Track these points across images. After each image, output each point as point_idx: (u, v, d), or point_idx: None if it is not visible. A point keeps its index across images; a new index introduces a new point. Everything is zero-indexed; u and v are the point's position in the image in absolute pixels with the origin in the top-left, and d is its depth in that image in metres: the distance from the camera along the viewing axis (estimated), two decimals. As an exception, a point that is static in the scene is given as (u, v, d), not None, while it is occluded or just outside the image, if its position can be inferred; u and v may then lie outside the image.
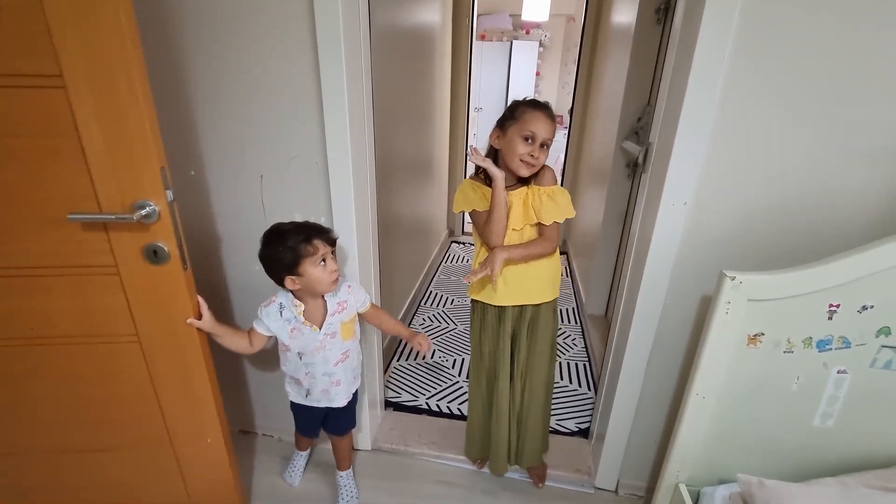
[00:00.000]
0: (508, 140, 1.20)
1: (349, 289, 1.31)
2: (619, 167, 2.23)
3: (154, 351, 1.15)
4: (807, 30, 0.96)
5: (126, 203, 0.98)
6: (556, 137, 1.24)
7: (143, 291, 1.07)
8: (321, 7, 1.10)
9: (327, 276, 1.18)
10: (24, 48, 0.86)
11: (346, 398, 1.37)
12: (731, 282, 0.96)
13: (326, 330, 1.25)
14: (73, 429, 1.24)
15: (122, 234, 1.01)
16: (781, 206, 1.10)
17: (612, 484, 1.56)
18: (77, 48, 0.87)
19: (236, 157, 1.31)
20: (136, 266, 1.04)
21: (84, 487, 1.34)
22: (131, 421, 1.24)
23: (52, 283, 1.05)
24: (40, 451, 1.26)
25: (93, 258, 1.02)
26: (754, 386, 1.07)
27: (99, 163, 0.95)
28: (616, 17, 2.49)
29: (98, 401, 1.20)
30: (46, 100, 0.90)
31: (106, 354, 1.14)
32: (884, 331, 0.98)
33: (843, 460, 1.11)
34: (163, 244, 1.02)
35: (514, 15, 5.76)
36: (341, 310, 1.28)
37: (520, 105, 1.21)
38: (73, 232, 1.00)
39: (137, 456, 1.31)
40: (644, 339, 1.31)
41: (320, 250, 1.16)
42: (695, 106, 1.04)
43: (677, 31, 1.11)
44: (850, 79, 0.98)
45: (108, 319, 1.10)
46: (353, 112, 1.24)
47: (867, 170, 1.04)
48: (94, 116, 0.91)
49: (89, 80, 0.89)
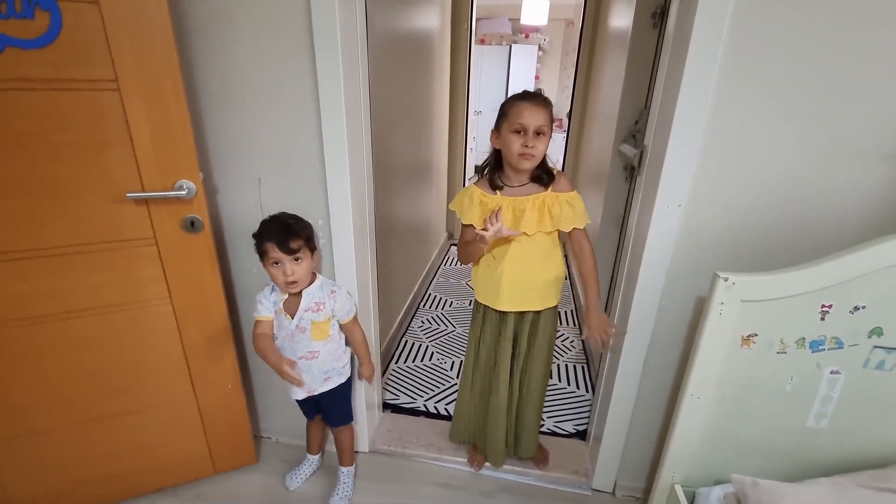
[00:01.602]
0: (504, 138, 1.20)
1: (332, 294, 1.33)
2: (616, 170, 2.23)
3: (184, 309, 1.33)
4: (795, 35, 0.97)
5: (167, 184, 1.18)
6: (553, 137, 1.24)
7: (178, 258, 1.27)
8: (318, 10, 1.12)
9: (280, 278, 1.22)
10: (86, 58, 1.04)
11: (304, 393, 1.38)
12: (725, 283, 0.97)
13: (297, 322, 1.29)
14: (103, 397, 1.34)
15: (161, 210, 1.21)
16: (774, 207, 1.11)
17: (610, 485, 1.56)
18: (130, 57, 1.07)
19: (234, 160, 1.33)
20: (174, 236, 1.24)
21: (112, 454, 1.42)
22: (161, 382, 1.39)
23: (97, 259, 1.20)
24: (71, 423, 1.34)
25: (135, 232, 1.21)
26: (748, 386, 1.08)
27: (144, 151, 1.14)
28: (613, 21, 2.51)
29: (129, 365, 1.33)
30: (104, 100, 1.08)
31: (141, 318, 1.30)
32: (876, 331, 0.99)
33: (838, 460, 1.12)
34: (198, 216, 1.24)
35: (513, 19, 5.80)
36: (317, 309, 1.30)
37: (508, 101, 1.21)
38: (119, 211, 1.17)
39: (164, 416, 1.44)
40: (640, 341, 1.32)
41: (271, 254, 1.19)
42: (688, 109, 1.05)
43: (670, 36, 1.12)
44: (836, 81, 0.99)
45: (146, 285, 1.27)
46: (351, 115, 1.26)
47: (857, 170, 1.05)
48: (144, 113, 1.11)
49: (141, 83, 1.09)
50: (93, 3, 1.01)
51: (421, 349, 2.36)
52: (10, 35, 0.98)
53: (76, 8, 1.01)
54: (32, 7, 0.99)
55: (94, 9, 1.02)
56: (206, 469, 1.56)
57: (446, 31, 3.18)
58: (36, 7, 0.99)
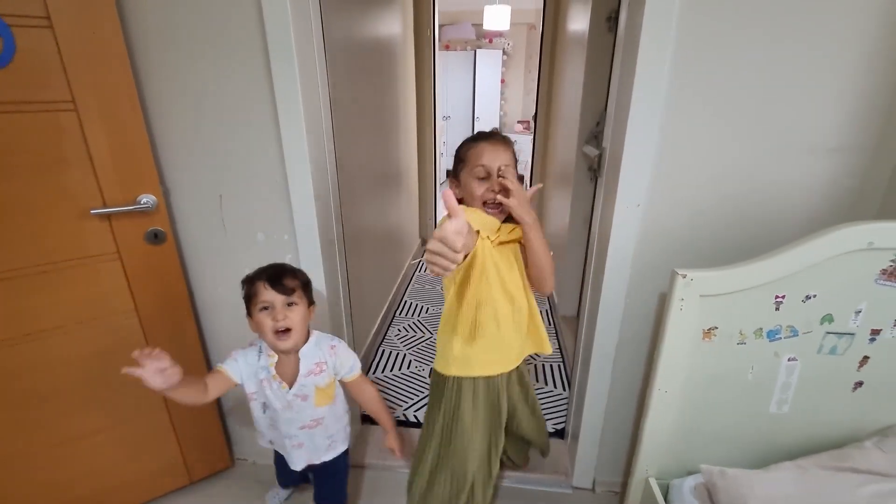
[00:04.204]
0: (465, 187, 1.08)
1: (332, 349, 1.17)
2: (581, 170, 2.28)
3: (151, 320, 1.33)
4: (739, 37, 1.02)
5: (129, 198, 1.21)
6: (519, 148, 1.21)
7: (143, 271, 1.28)
8: (271, 19, 1.11)
9: (268, 324, 1.05)
10: (42, 80, 1.06)
11: (303, 463, 1.23)
12: (683, 279, 1.00)
13: (297, 391, 1.12)
14: (76, 415, 1.31)
15: (124, 224, 1.22)
16: (728, 203, 1.15)
17: (589, 482, 1.58)
18: (86, 78, 1.09)
19: (192, 176, 1.30)
20: (137, 249, 1.26)
21: (88, 474, 1.39)
22: (130, 395, 1.36)
23: (61, 277, 1.19)
24: (46, 447, 1.30)
25: (97, 248, 1.21)
26: (713, 378, 1.11)
27: (104, 168, 1.16)
28: (571, 25, 2.56)
29: (99, 382, 1.31)
30: (61, 121, 1.10)
31: (109, 332, 1.29)
32: (827, 318, 1.04)
33: (800, 444, 1.16)
34: (161, 228, 1.26)
35: (476, 24, 5.85)
36: (319, 371, 1.14)
37: (463, 145, 1.10)
38: (81, 227, 1.18)
39: (136, 429, 1.42)
40: (609, 338, 1.34)
41: (261, 295, 1.05)
42: (641, 112, 1.08)
43: (621, 39, 1.15)
44: (780, 82, 1.04)
45: (110, 299, 1.27)
46: (311, 124, 1.24)
47: (804, 165, 1.10)
48: (102, 131, 1.13)
49: (98, 103, 1.12)
50: (47, 27, 1.03)
51: (398, 358, 2.35)
52: (-37, 60, 0.97)
53: (30, 32, 1.02)
54: (-16, 32, 0.97)
55: (47, 33, 1.03)
56: (182, 479, 1.55)
57: (409, 38, 3.19)
58: (-12, 32, 0.98)
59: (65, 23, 1.04)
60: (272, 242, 1.35)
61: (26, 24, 1.02)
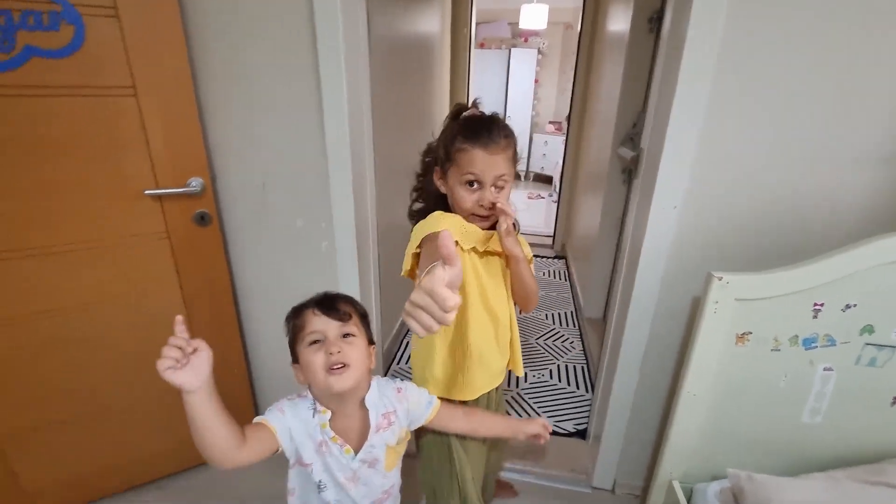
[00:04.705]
0: (451, 187, 0.95)
1: (399, 393, 0.91)
2: (615, 173, 2.26)
3: (193, 298, 1.40)
4: (788, 40, 1.00)
5: (180, 181, 1.28)
6: (551, 146, 1.21)
7: (188, 251, 1.36)
8: (321, 14, 1.15)
9: (319, 361, 0.79)
10: (107, 67, 1.13)
11: None
12: (719, 282, 0.99)
13: (365, 455, 0.85)
14: (115, 387, 1.39)
15: (173, 205, 1.30)
16: (767, 207, 1.13)
17: (609, 483, 1.58)
18: (147, 66, 1.16)
19: (238, 163, 1.35)
20: (185, 230, 1.33)
21: (120, 444, 1.46)
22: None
23: (113, 253, 1.27)
24: (83, 415, 1.38)
25: (149, 227, 1.29)
26: (744, 383, 1.10)
27: (158, 150, 1.23)
28: (611, 25, 2.54)
29: (140, 355, 1.35)
30: (122, 105, 1.17)
31: (152, 308, 1.35)
32: (867, 329, 1.01)
33: (833, 455, 1.14)
34: (208, 210, 1.34)
35: (512, 23, 5.84)
36: (387, 425, 0.87)
37: (453, 138, 0.93)
38: (134, 207, 1.26)
39: (171, 402, 1.49)
40: (638, 340, 1.34)
41: (310, 326, 0.81)
42: (683, 113, 1.08)
43: (665, 41, 1.15)
44: (828, 85, 1.02)
45: (158, 276, 1.34)
46: (353, 117, 1.28)
47: (849, 172, 1.07)
48: (159, 115, 1.21)
49: (157, 89, 1.19)
50: (113, 17, 1.11)
51: (422, 350, 2.38)
52: (36, 46, 1.06)
53: (98, 21, 1.10)
54: (59, 21, 1.06)
55: (114, 23, 1.11)
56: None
57: (446, 36, 3.22)
58: (62, 21, 1.06)
59: (130, 12, 1.11)
60: (310, 228, 1.40)
61: (96, 13, 1.09)
